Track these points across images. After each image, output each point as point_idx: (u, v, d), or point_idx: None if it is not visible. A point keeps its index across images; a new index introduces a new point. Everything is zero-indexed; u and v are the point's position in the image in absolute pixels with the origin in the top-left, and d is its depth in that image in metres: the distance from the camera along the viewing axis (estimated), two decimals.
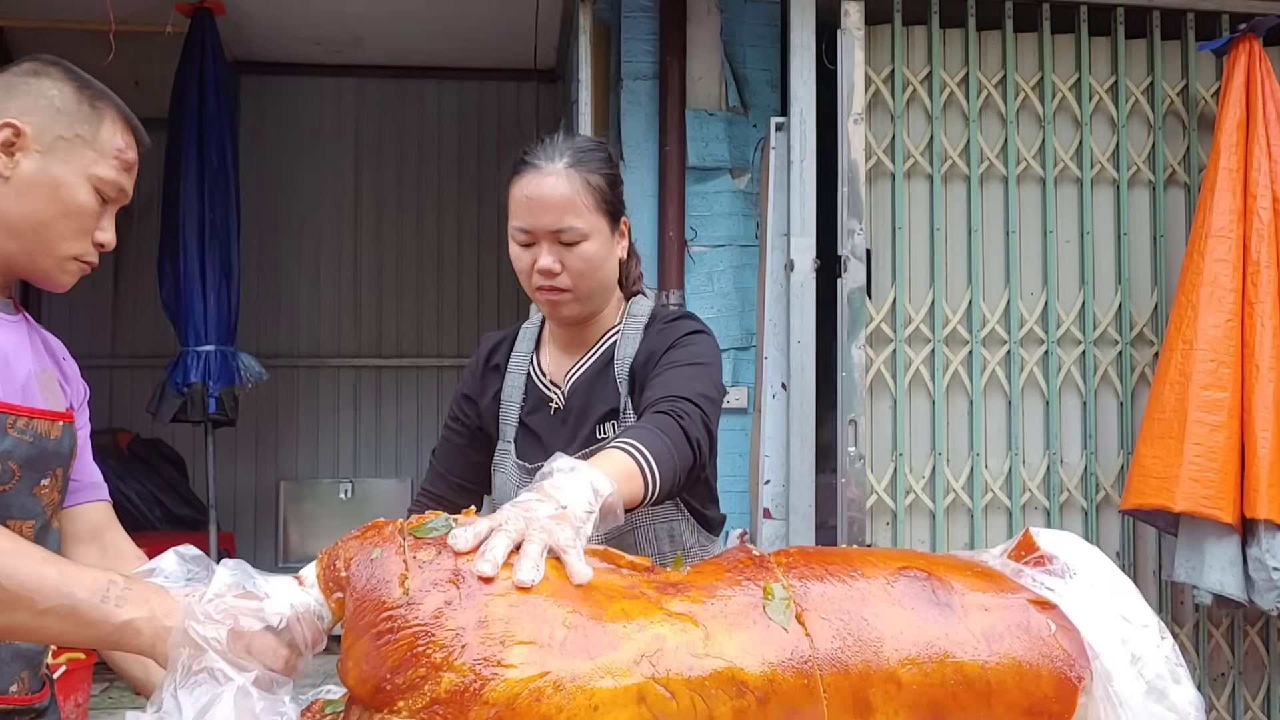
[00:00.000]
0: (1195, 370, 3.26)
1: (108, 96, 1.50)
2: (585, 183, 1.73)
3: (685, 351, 1.76)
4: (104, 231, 1.49)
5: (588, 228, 1.73)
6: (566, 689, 1.01)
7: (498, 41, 5.60)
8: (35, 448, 1.44)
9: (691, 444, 1.58)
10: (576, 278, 1.75)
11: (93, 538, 1.60)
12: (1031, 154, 3.71)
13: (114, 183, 1.47)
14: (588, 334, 1.87)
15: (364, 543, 1.14)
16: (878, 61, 3.64)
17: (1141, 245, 3.76)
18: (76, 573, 1.17)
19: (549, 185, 1.72)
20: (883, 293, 3.62)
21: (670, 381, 1.69)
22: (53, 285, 1.50)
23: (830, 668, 1.08)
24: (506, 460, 1.87)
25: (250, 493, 6.43)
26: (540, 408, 1.87)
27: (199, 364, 4.82)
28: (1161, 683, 1.14)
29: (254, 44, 5.77)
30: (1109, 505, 3.68)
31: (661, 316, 1.87)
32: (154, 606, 1.13)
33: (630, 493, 1.40)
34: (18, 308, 1.56)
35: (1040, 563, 1.25)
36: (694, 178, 3.95)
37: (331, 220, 6.56)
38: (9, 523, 1.40)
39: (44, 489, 1.47)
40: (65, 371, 1.62)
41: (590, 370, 1.85)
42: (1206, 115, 3.75)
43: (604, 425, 1.80)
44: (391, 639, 1.04)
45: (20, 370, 1.47)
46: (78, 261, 1.48)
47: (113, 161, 1.47)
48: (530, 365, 1.91)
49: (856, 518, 3.42)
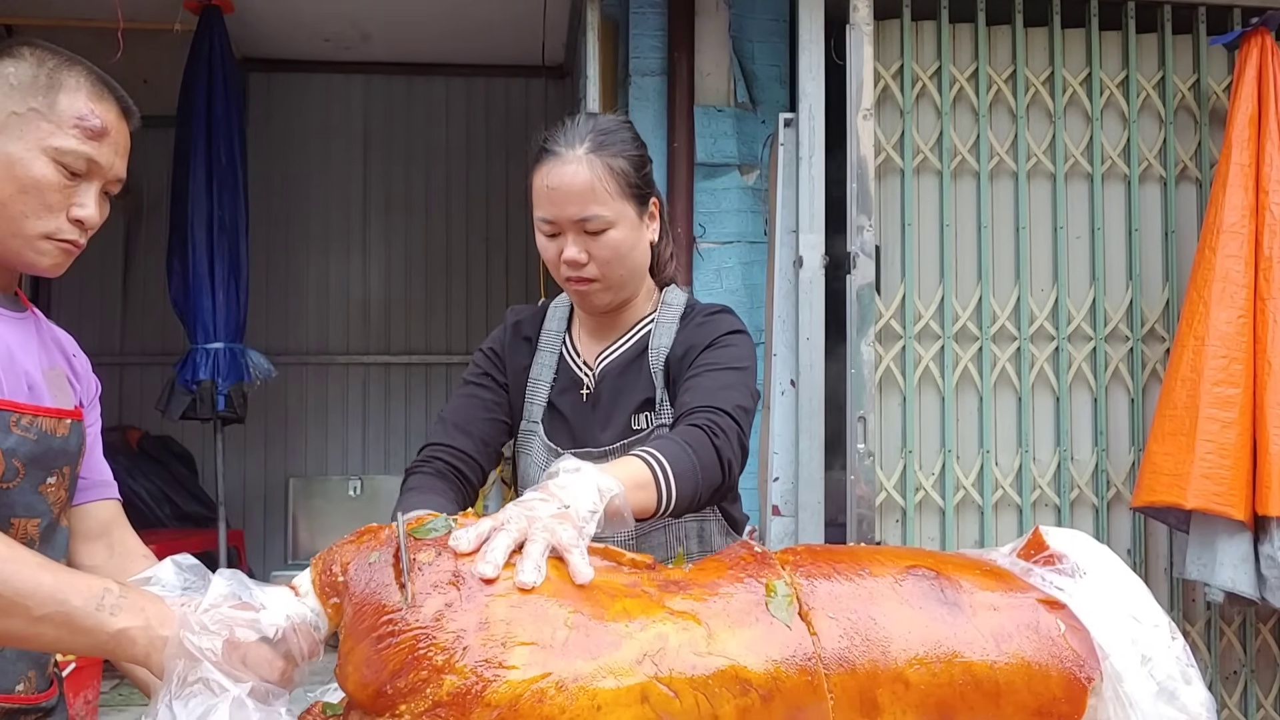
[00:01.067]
0: (1207, 367, 3.24)
1: (75, 66, 1.42)
2: (607, 168, 1.66)
3: (725, 353, 1.71)
4: (81, 208, 1.40)
5: (613, 215, 1.67)
6: (569, 689, 1.00)
7: (506, 38, 5.59)
8: (40, 445, 1.42)
9: (723, 464, 1.54)
10: (604, 266, 1.69)
11: (100, 536, 1.58)
12: (1042, 149, 3.69)
13: (76, 153, 1.38)
14: (620, 320, 1.82)
15: (361, 547, 1.13)
16: (887, 57, 3.62)
17: (1153, 241, 3.74)
18: (73, 580, 1.16)
19: (570, 174, 1.65)
20: (892, 289, 3.60)
21: (709, 388, 1.64)
22: (33, 268, 1.43)
23: (837, 667, 1.07)
24: (532, 441, 1.80)
25: (259, 489, 6.45)
26: (570, 390, 1.80)
27: (208, 361, 4.83)
28: (1172, 684, 1.13)
29: (262, 41, 5.78)
30: (1120, 502, 3.67)
31: (700, 309, 1.81)
32: (149, 616, 1.13)
33: (641, 502, 1.37)
34: (25, 304, 1.53)
35: (1050, 562, 1.24)
36: (702, 174, 3.94)
37: (340, 217, 6.56)
38: (14, 521, 1.40)
39: (50, 487, 1.45)
40: (75, 368, 1.59)
41: (623, 357, 1.80)
42: (1218, 110, 3.72)
43: (639, 415, 1.74)
44: (392, 643, 1.03)
45: (26, 367, 1.44)
46: (52, 241, 1.40)
47: (72, 131, 1.38)
48: (563, 345, 1.85)
49: (866, 515, 3.40)
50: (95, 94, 1.42)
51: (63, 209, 1.40)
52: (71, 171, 1.39)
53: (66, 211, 1.40)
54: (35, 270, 1.44)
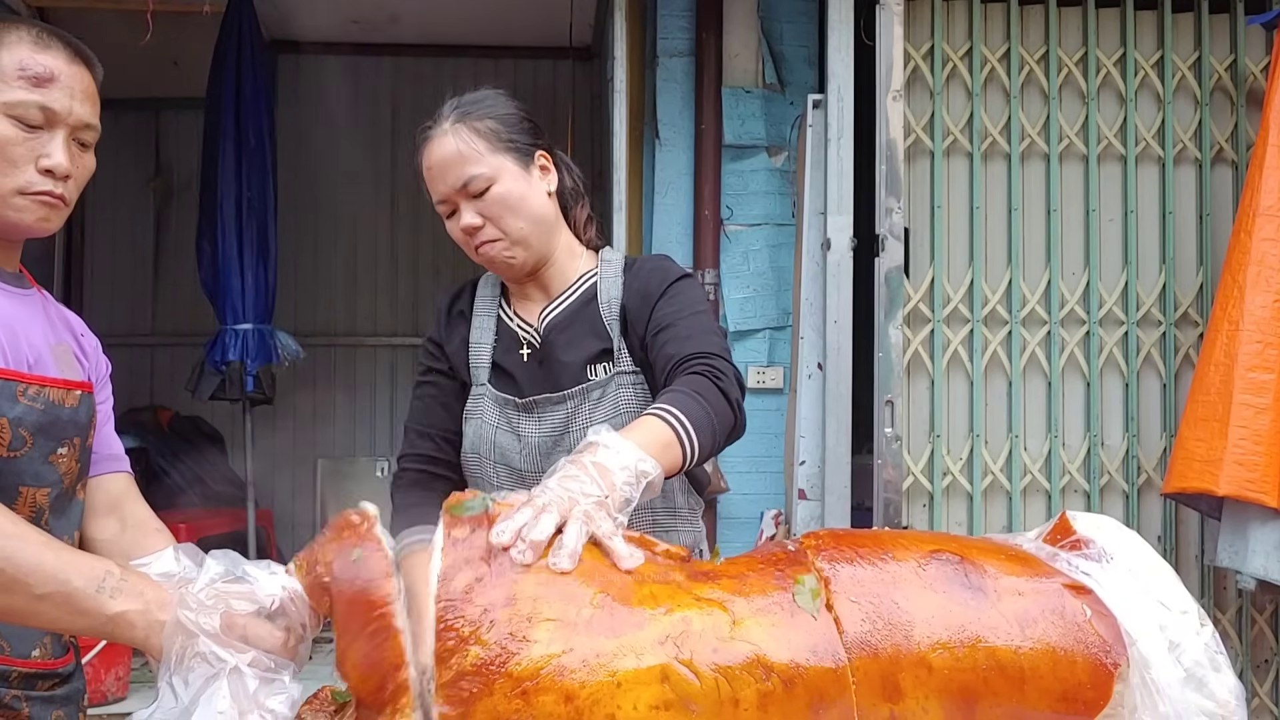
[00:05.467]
0: (1241, 352, 3.20)
1: (18, 23, 1.44)
2: (473, 130, 1.72)
3: (684, 299, 1.74)
4: (48, 157, 1.40)
5: (490, 171, 1.72)
6: (590, 665, 1.01)
7: (534, 19, 5.58)
8: (48, 415, 1.44)
9: (731, 405, 1.57)
10: (499, 222, 1.73)
11: (112, 509, 1.60)
12: (1074, 131, 3.65)
13: (26, 103, 1.39)
14: (550, 281, 1.84)
15: (341, 544, 1.13)
16: (917, 37, 3.59)
17: (1187, 224, 3.69)
18: (75, 560, 1.17)
19: (439, 147, 1.74)
20: (921, 272, 3.58)
21: (689, 335, 1.67)
22: (18, 228, 1.44)
23: (859, 651, 1.07)
24: (482, 403, 1.82)
25: (289, 470, 6.49)
26: (513, 349, 1.83)
27: (237, 342, 4.86)
28: (1200, 670, 1.11)
29: (291, 23, 5.79)
30: (1151, 489, 3.63)
31: (642, 260, 1.85)
32: (148, 600, 1.13)
33: (670, 463, 1.38)
34: (32, 283, 1.55)
35: (1076, 547, 1.22)
36: (730, 156, 3.92)
37: (368, 199, 6.58)
38: (22, 489, 1.42)
39: (61, 457, 1.47)
40: (83, 347, 1.60)
41: (568, 310, 1.82)
42: (1255, 91, 3.66)
43: (595, 366, 1.76)
44: (388, 637, 1.06)
45: (31, 340, 1.46)
46: (26, 196, 1.41)
47: (17, 83, 1.38)
48: (499, 308, 1.88)
49: (893, 499, 3.39)
50: (39, 44, 1.42)
51: (29, 161, 1.40)
52: (28, 124, 1.40)
53: (35, 164, 1.41)
54: (21, 230, 1.44)
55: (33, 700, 1.47)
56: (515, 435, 1.77)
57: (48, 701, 1.49)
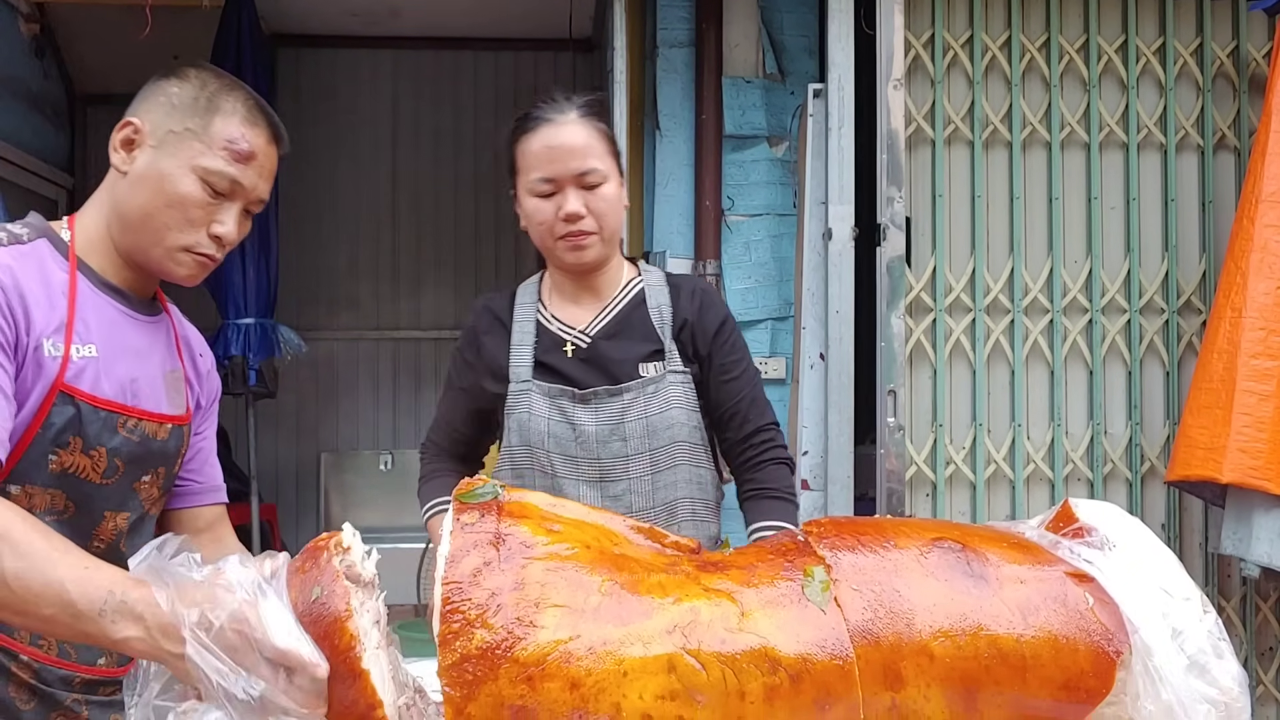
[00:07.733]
0: (1244, 339, 3.19)
1: (235, 91, 1.51)
2: (599, 130, 1.87)
3: (739, 345, 1.98)
4: (221, 225, 1.49)
5: (606, 169, 1.86)
6: (597, 653, 1.02)
7: (533, 11, 5.56)
8: (141, 447, 1.51)
9: (792, 471, 2.00)
10: (600, 219, 1.86)
11: (204, 532, 1.68)
12: (1076, 118, 3.63)
13: (222, 174, 1.47)
14: (599, 286, 1.97)
15: (304, 582, 1.11)
16: (917, 25, 3.57)
17: (1189, 211, 3.68)
18: (80, 579, 1.14)
19: (568, 133, 1.84)
20: (923, 261, 3.57)
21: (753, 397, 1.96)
22: (170, 276, 1.52)
23: (861, 639, 1.07)
24: (528, 397, 1.92)
25: (291, 464, 6.49)
26: (554, 349, 1.94)
27: (239, 337, 4.86)
28: (1203, 658, 1.11)
29: (291, 17, 5.78)
30: (1154, 477, 3.63)
31: (683, 281, 2.01)
32: (149, 625, 1.10)
33: None
34: (164, 305, 1.63)
35: (1079, 534, 1.22)
36: (731, 146, 3.91)
37: (369, 193, 6.57)
38: (106, 514, 1.48)
39: (144, 485, 1.54)
40: (199, 368, 1.68)
41: (618, 316, 1.95)
42: (1258, 77, 3.65)
43: (647, 365, 1.91)
44: (354, 681, 1.05)
45: (144, 371, 1.52)
46: (190, 253, 1.49)
47: (220, 153, 1.47)
48: (538, 314, 1.98)
49: (896, 489, 3.39)
50: (249, 119, 1.50)
51: (204, 225, 1.48)
52: (216, 190, 1.48)
53: (207, 227, 1.49)
54: (171, 278, 1.53)
55: (92, 704, 1.52)
56: (570, 425, 1.89)
57: (107, 706, 1.53)
